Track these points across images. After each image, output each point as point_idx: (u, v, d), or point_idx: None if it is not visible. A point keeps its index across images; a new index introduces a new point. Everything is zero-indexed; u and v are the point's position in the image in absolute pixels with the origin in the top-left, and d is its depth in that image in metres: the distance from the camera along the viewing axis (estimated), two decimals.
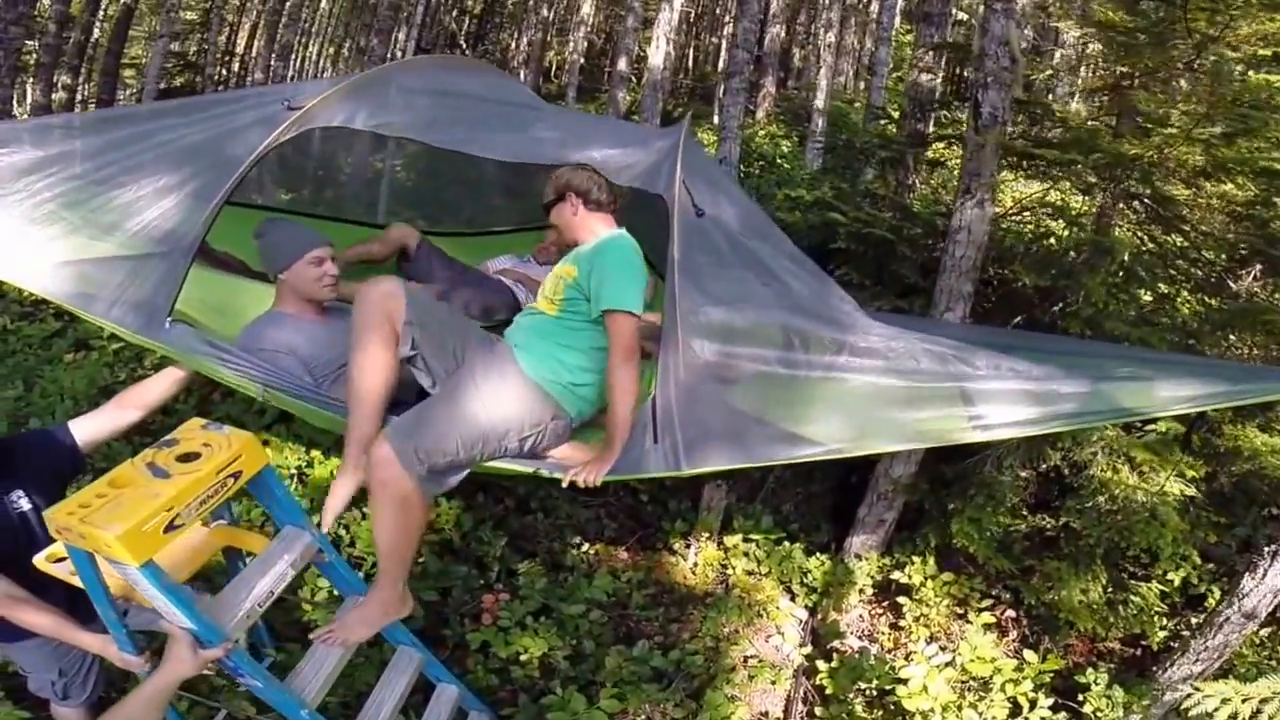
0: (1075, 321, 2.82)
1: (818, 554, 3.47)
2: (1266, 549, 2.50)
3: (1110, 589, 3.13)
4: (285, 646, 2.44)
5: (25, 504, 1.84)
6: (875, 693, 2.77)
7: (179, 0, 10.74)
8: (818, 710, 2.85)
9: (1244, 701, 2.35)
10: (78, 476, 2.16)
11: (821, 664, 2.93)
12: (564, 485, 2.07)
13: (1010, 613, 3.29)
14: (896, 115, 5.28)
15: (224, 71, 15.14)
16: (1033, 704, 2.64)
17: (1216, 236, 2.95)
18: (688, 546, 3.42)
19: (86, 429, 2.03)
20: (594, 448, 2.25)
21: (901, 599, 3.22)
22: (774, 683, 2.94)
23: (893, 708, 2.68)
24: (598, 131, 2.78)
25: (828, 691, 2.85)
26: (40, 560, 1.73)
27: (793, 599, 3.36)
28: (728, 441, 2.04)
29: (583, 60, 13.92)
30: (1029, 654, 2.82)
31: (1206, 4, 2.53)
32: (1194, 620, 3.07)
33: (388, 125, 2.52)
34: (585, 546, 3.31)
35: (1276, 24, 2.61)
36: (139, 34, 15.86)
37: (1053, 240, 3.59)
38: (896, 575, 3.30)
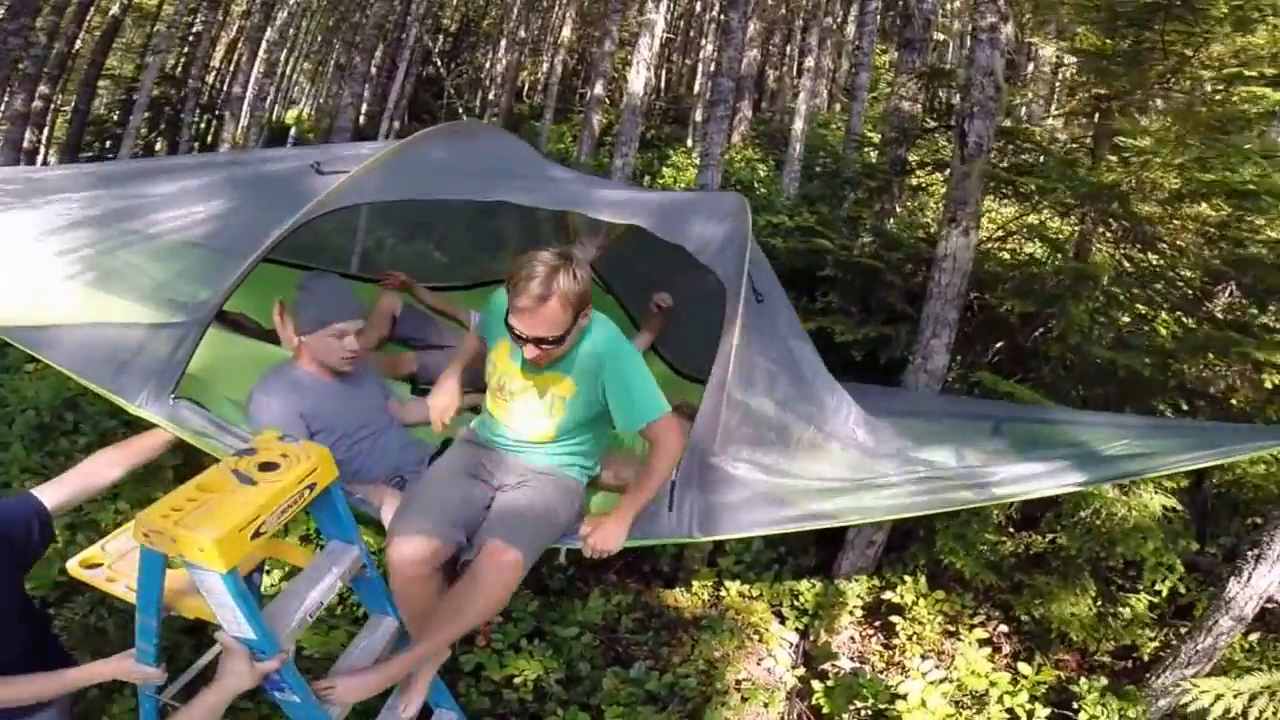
0: (1057, 346, 2.89)
1: (808, 577, 3.48)
2: (1250, 553, 2.57)
3: (1100, 602, 3.18)
4: None
5: None
6: (871, 711, 2.78)
7: (177, 16, 10.65)
8: None
9: (1236, 696, 2.42)
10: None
11: (816, 684, 2.93)
12: (586, 555, 2.12)
13: (1002, 628, 3.32)
14: (876, 140, 5.38)
15: (201, 84, 15.06)
16: (1030, 715, 2.67)
17: (1191, 255, 3.04)
18: (678, 570, 3.41)
19: (56, 496, 1.82)
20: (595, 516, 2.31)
21: (894, 618, 3.23)
22: (767, 705, 2.93)
23: None
24: (642, 197, 2.84)
25: (824, 711, 2.85)
26: (73, 566, 1.72)
27: (783, 622, 3.36)
28: (742, 512, 2.15)
29: (558, 83, 14.03)
30: (1023, 666, 2.84)
31: (1183, 27, 2.62)
32: (1183, 629, 3.12)
33: (417, 195, 2.55)
34: (572, 570, 3.29)
35: (1247, 40, 2.71)
36: (116, 45, 15.80)
37: (1034, 266, 3.68)
38: (888, 595, 3.31)
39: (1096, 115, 3.28)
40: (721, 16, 11.22)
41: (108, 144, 13.98)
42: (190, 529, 1.36)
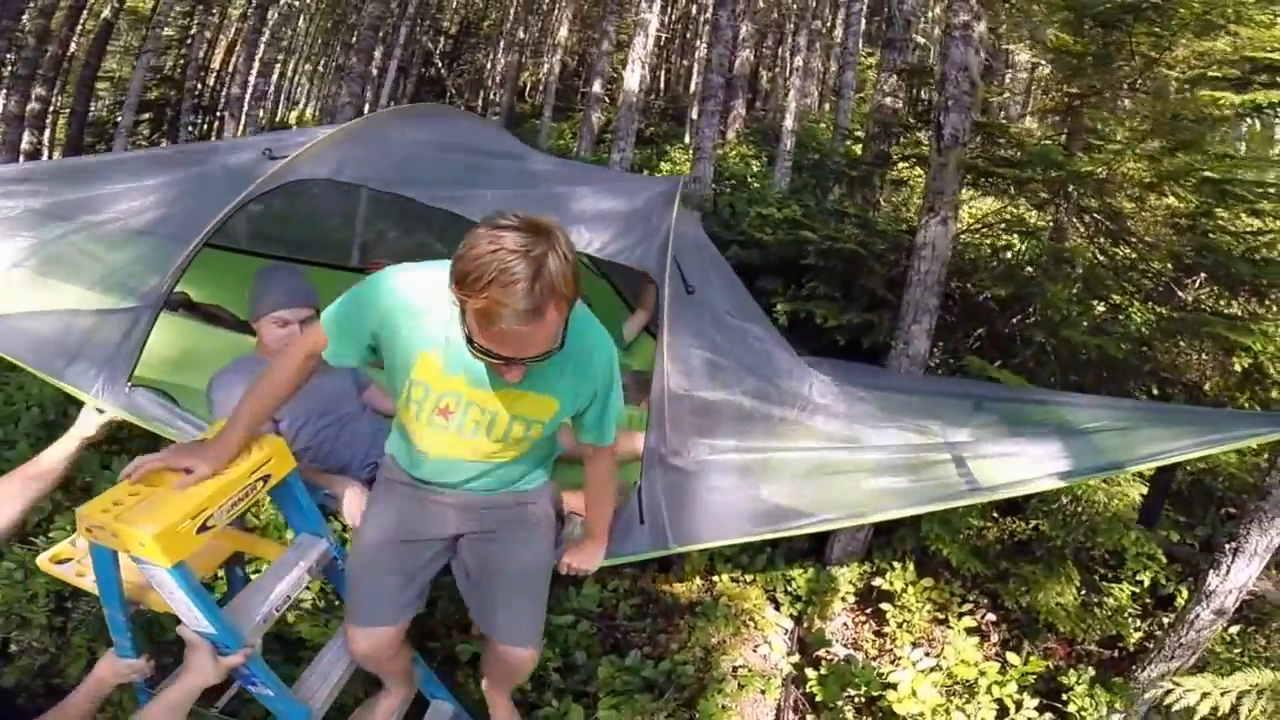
0: (1037, 330, 2.95)
1: (800, 562, 3.53)
2: (1228, 546, 2.59)
3: (1084, 591, 3.23)
4: (265, 659, 2.45)
5: None
6: (864, 699, 2.81)
7: (163, 17, 10.72)
8: (809, 718, 2.89)
9: (1223, 695, 2.44)
10: None
11: (810, 672, 2.96)
12: (562, 573, 2.06)
13: (990, 616, 3.37)
14: (861, 136, 5.48)
15: (200, 86, 15.14)
16: (1019, 705, 2.70)
17: (1162, 247, 3.11)
18: (672, 556, 3.45)
19: None
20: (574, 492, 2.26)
21: (884, 605, 3.28)
22: (764, 692, 2.97)
23: (882, 713, 2.73)
24: (588, 196, 2.68)
25: (818, 699, 2.88)
26: (43, 561, 1.72)
27: (777, 608, 3.41)
28: (716, 518, 2.11)
29: (557, 82, 14.15)
30: (1012, 656, 2.88)
31: (1150, 29, 2.70)
32: (1166, 620, 3.16)
33: (375, 180, 2.47)
34: None
35: (1209, 44, 2.78)
36: (114, 48, 15.90)
37: (1013, 253, 3.75)
38: (878, 582, 3.36)
39: (1069, 114, 3.36)
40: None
41: (111, 146, 14.04)
42: (130, 524, 1.33)
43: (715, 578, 3.39)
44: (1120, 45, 2.77)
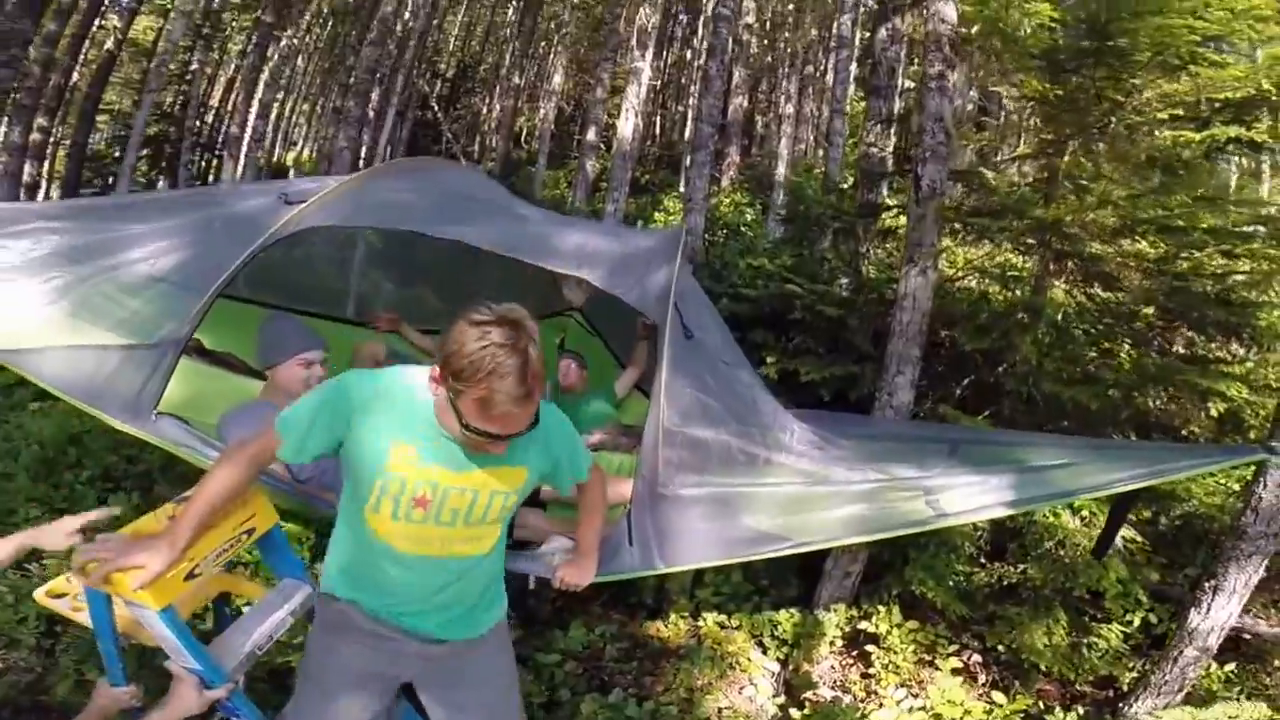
0: (1014, 380, 3.01)
1: (787, 608, 3.53)
2: (1207, 584, 2.64)
3: (1074, 633, 3.24)
4: (254, 687, 2.45)
5: None
6: None
7: (166, 55, 10.95)
8: None
9: None
10: None
11: (795, 713, 2.96)
12: (555, 586, 2.09)
13: (978, 658, 3.36)
14: (851, 183, 5.60)
15: (199, 123, 15.37)
16: None
17: (1136, 291, 3.19)
18: (662, 602, 3.46)
19: None
20: (563, 522, 2.37)
21: (870, 648, 3.28)
22: None
23: None
24: (582, 235, 2.88)
25: None
26: (40, 595, 1.82)
27: (764, 652, 3.40)
28: (700, 541, 2.23)
29: (553, 128, 14.43)
30: (999, 696, 2.89)
31: (1111, 73, 2.81)
32: (1157, 659, 3.17)
33: (381, 222, 2.64)
34: (560, 601, 3.34)
35: (1172, 86, 2.91)
36: (115, 80, 16.17)
37: (991, 303, 3.84)
38: (864, 625, 3.36)
39: (1046, 160, 3.46)
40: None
41: (110, 180, 14.16)
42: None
43: (701, 623, 3.39)
44: (1085, 89, 2.88)
